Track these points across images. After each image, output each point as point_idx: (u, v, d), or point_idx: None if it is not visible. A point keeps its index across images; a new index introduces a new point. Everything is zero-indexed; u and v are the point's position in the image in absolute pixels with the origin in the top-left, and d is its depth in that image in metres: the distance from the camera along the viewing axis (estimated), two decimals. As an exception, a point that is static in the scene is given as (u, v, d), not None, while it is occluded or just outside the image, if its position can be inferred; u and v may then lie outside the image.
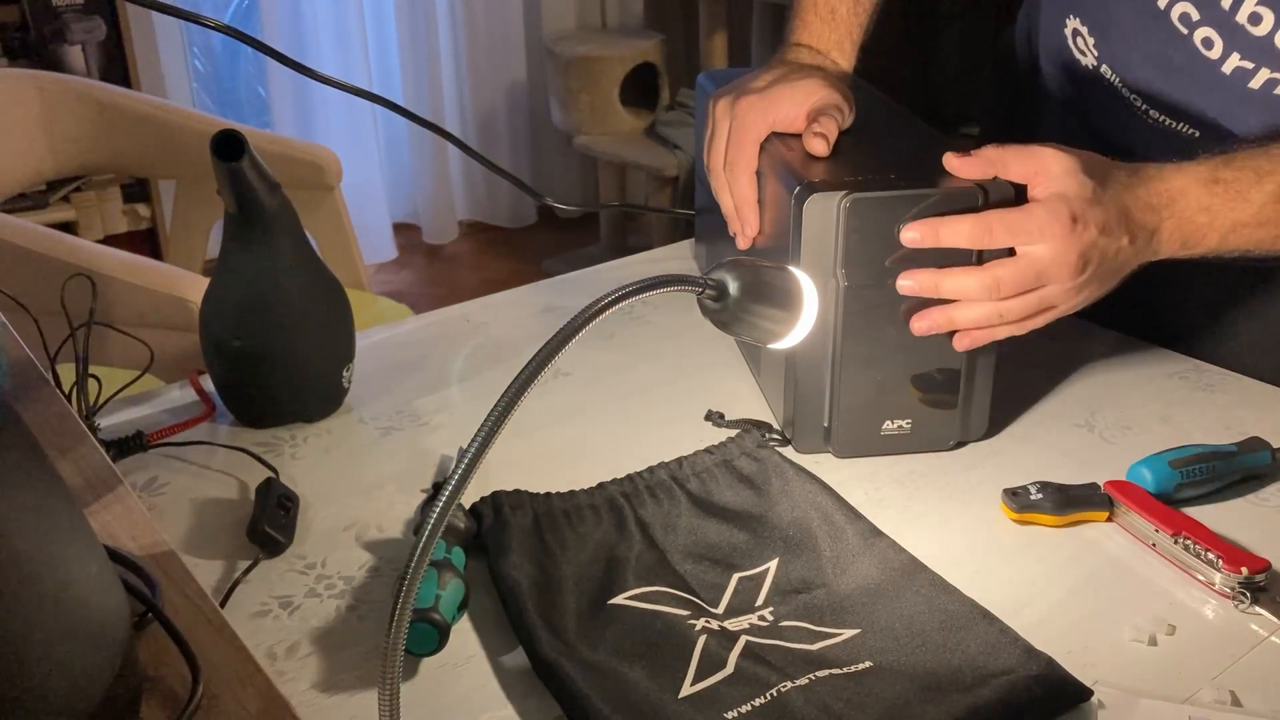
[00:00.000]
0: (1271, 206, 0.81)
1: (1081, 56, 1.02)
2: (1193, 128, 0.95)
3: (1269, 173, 0.81)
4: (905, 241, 0.80)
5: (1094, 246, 0.78)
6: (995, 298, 0.79)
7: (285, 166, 1.92)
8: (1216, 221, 0.81)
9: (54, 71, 2.48)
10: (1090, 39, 1.00)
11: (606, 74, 3.33)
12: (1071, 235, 0.77)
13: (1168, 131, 0.97)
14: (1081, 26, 1.01)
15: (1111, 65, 0.99)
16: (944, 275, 0.80)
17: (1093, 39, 1.00)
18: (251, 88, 3.60)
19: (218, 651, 0.54)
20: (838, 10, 1.01)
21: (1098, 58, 1.00)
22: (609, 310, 0.58)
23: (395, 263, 3.68)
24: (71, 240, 1.62)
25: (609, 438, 0.92)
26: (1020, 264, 0.79)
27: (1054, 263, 0.78)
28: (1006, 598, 0.72)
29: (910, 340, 0.84)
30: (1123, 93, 0.99)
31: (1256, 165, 0.82)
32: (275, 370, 0.91)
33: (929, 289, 0.81)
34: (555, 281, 1.25)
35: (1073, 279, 0.79)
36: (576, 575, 0.74)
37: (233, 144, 0.85)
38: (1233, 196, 0.81)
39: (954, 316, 0.81)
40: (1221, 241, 0.82)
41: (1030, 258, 0.78)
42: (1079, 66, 1.03)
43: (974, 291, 0.80)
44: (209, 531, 0.81)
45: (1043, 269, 0.78)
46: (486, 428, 0.53)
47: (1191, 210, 0.81)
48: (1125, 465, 0.84)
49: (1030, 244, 0.78)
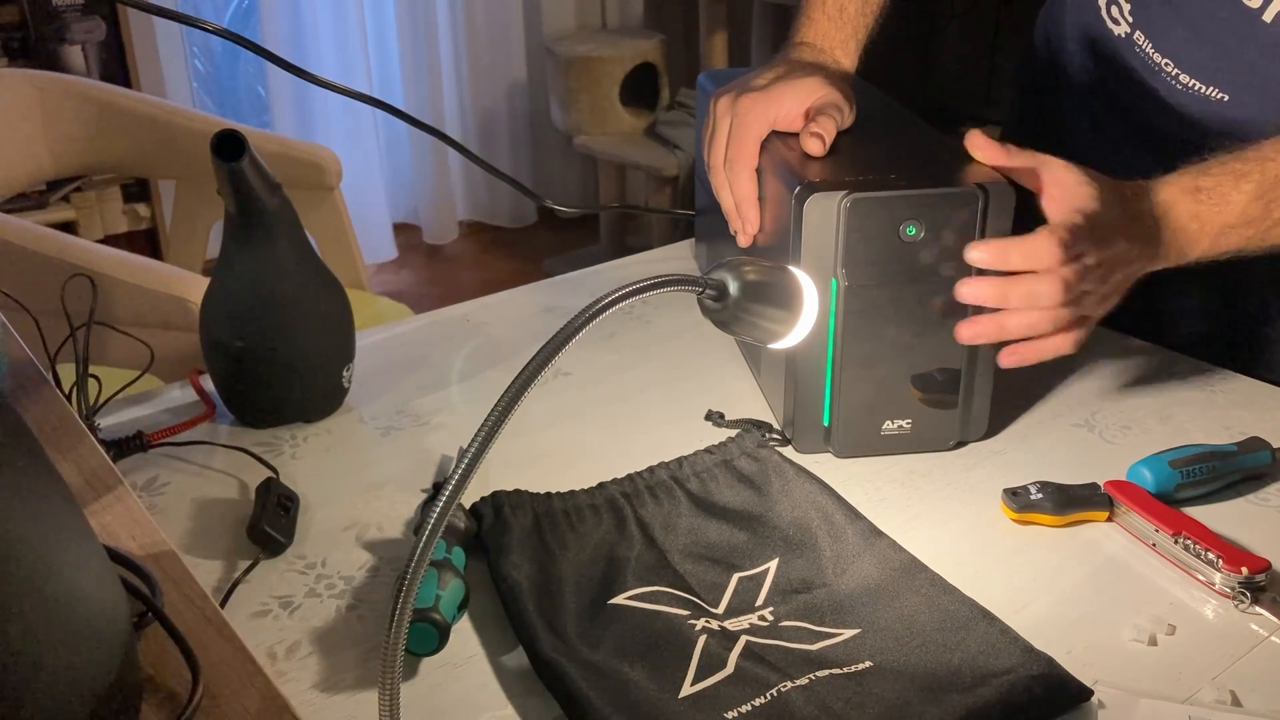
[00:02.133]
0: (1253, 205, 0.83)
1: (1115, 26, 1.04)
2: (1222, 91, 0.97)
3: (1244, 174, 0.84)
4: (971, 261, 0.79)
5: (1123, 253, 0.80)
6: (1069, 298, 0.78)
7: (285, 166, 1.92)
8: (1206, 227, 0.83)
9: (54, 71, 2.48)
10: (1127, 5, 1.02)
11: (606, 74, 3.33)
12: (1105, 244, 0.79)
13: (1196, 96, 0.99)
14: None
15: (1146, 31, 1.01)
16: (1013, 284, 0.78)
17: (1129, 5, 1.02)
18: (251, 88, 3.60)
19: (218, 651, 0.54)
20: (846, 9, 1.01)
21: (1132, 24, 1.02)
22: (609, 310, 0.58)
23: (395, 263, 3.68)
24: (71, 240, 1.62)
25: (609, 438, 0.92)
26: (1078, 268, 0.78)
27: (1096, 268, 0.79)
28: (1006, 598, 0.72)
29: (910, 340, 0.84)
30: (1154, 59, 1.01)
31: (1232, 169, 0.84)
32: (275, 370, 0.91)
33: (997, 299, 0.79)
34: (555, 281, 1.25)
35: (1103, 285, 0.80)
36: (576, 575, 0.74)
37: (233, 144, 0.85)
38: (1216, 201, 0.83)
39: (1006, 324, 0.80)
40: (1213, 244, 0.84)
41: (1085, 264, 0.79)
42: (1110, 38, 1.05)
43: (1046, 297, 0.78)
44: (209, 531, 0.81)
45: (1084, 276, 0.79)
46: (486, 428, 0.53)
47: (1184, 219, 0.83)
48: (1125, 465, 0.84)
49: (1096, 252, 0.79)
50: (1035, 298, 0.78)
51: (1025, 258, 0.78)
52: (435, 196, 3.73)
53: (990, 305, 0.80)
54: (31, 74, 2.10)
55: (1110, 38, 1.05)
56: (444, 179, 3.73)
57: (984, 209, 0.82)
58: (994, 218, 0.82)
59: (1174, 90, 1.00)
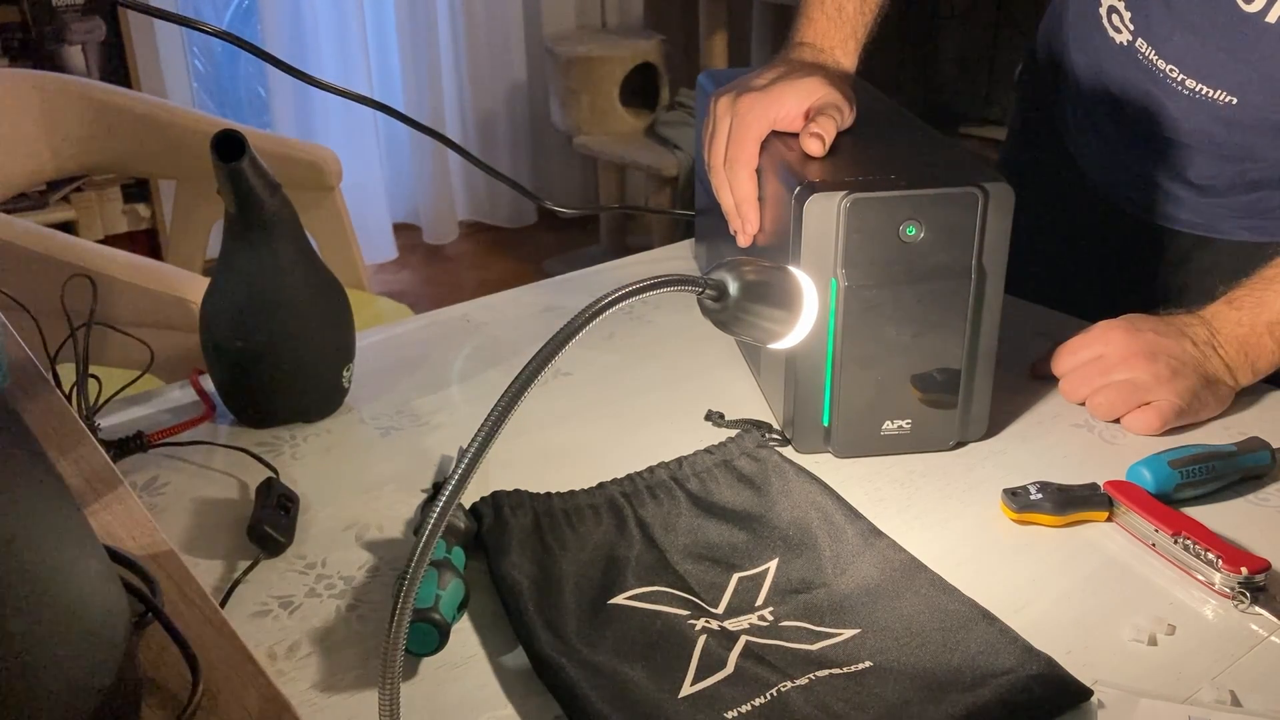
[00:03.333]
0: None
1: (1116, 34, 1.04)
2: (1230, 94, 0.98)
3: (1273, 279, 0.93)
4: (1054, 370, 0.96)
5: (1156, 344, 0.91)
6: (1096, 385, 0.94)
7: (285, 166, 1.92)
8: (1257, 325, 0.93)
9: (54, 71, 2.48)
10: (1127, 14, 1.03)
11: (606, 74, 3.34)
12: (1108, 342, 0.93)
13: (1203, 101, 0.99)
14: (1118, 3, 1.03)
15: (1147, 38, 1.01)
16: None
17: (1129, 13, 1.02)
18: (251, 88, 3.60)
19: (218, 651, 0.54)
20: (845, 8, 1.01)
21: (1133, 32, 1.02)
22: (609, 310, 0.58)
23: (395, 263, 3.68)
24: (71, 240, 1.62)
25: (609, 438, 0.92)
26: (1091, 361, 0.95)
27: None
28: (1006, 598, 0.72)
29: (910, 340, 0.84)
30: (1157, 66, 1.01)
31: (1262, 275, 0.94)
32: (275, 370, 0.91)
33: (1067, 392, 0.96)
34: (555, 281, 1.25)
35: (1150, 366, 0.91)
36: (576, 575, 0.74)
37: (233, 144, 0.85)
38: (1255, 304, 0.93)
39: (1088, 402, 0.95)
40: (1271, 336, 0.93)
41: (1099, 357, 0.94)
42: (1112, 47, 1.05)
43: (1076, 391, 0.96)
44: (209, 531, 0.81)
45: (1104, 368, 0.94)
46: (486, 428, 0.54)
47: (1229, 324, 0.93)
48: (1125, 465, 0.84)
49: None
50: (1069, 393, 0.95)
51: (1056, 366, 0.96)
52: (435, 197, 3.73)
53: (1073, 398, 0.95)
54: (31, 74, 2.10)
55: (1112, 46, 1.05)
56: (444, 179, 3.73)
57: (984, 209, 0.82)
58: (994, 218, 0.82)
59: (1180, 95, 1.00)
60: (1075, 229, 1.20)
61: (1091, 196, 1.17)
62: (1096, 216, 1.17)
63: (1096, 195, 1.16)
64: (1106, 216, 1.16)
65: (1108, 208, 1.16)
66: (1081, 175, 1.17)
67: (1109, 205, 1.15)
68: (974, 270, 0.83)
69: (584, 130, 3.41)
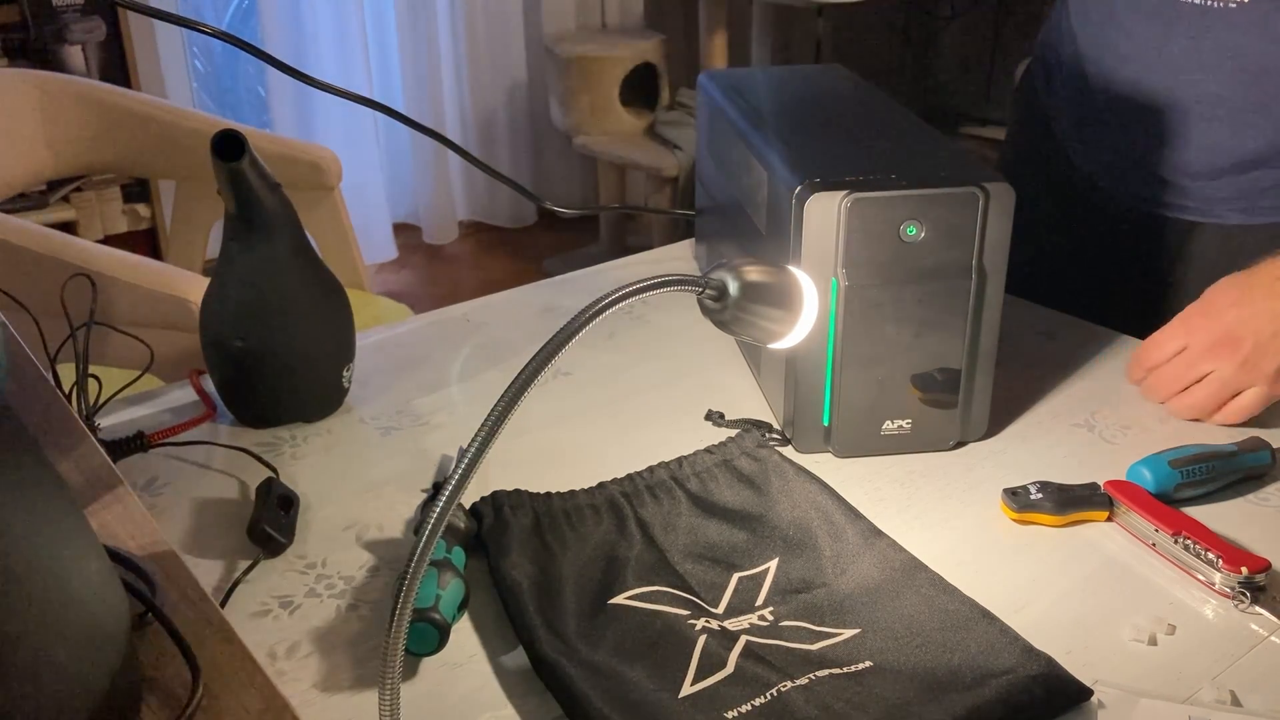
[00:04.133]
0: None
1: None
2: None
3: None
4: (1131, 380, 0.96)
5: (1238, 324, 0.89)
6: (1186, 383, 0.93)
7: (285, 166, 1.92)
8: None
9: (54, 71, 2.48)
10: None
11: (606, 74, 3.34)
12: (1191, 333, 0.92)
13: (1210, 10, 1.00)
14: None
15: None
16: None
17: None
18: (251, 88, 3.60)
19: (218, 651, 0.54)
20: None
21: None
22: (609, 310, 0.58)
23: (395, 263, 3.68)
24: (71, 240, 1.62)
25: (609, 438, 0.92)
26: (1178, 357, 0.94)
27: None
28: (1006, 597, 0.73)
29: (910, 340, 0.84)
30: None
31: None
32: (275, 370, 0.91)
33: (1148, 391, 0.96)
34: (555, 281, 1.25)
35: (1233, 355, 0.90)
36: (576, 575, 0.74)
37: (233, 144, 0.85)
38: None
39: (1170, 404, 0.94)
40: None
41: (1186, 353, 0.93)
42: None
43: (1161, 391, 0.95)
44: (209, 531, 0.81)
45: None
46: (486, 428, 0.54)
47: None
48: (1125, 465, 0.84)
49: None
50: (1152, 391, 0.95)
51: (1137, 364, 0.95)
52: (435, 197, 3.73)
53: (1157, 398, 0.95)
54: (31, 74, 2.10)
55: None
56: (444, 179, 3.73)
57: (984, 209, 0.82)
58: (994, 218, 0.82)
59: (1187, 6, 1.01)
60: (1074, 228, 1.20)
61: (1090, 195, 1.17)
62: (1095, 215, 1.17)
63: (1094, 192, 1.17)
64: (1105, 214, 1.16)
65: (1106, 204, 1.16)
66: (1079, 173, 1.17)
67: (1107, 201, 1.16)
68: (974, 270, 0.83)
69: (584, 130, 3.41)
